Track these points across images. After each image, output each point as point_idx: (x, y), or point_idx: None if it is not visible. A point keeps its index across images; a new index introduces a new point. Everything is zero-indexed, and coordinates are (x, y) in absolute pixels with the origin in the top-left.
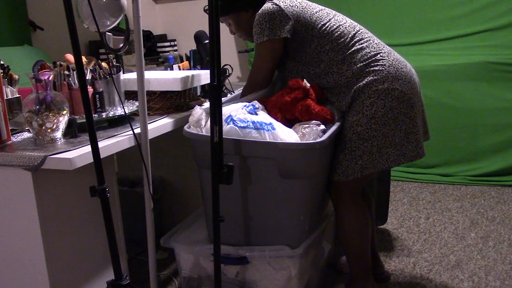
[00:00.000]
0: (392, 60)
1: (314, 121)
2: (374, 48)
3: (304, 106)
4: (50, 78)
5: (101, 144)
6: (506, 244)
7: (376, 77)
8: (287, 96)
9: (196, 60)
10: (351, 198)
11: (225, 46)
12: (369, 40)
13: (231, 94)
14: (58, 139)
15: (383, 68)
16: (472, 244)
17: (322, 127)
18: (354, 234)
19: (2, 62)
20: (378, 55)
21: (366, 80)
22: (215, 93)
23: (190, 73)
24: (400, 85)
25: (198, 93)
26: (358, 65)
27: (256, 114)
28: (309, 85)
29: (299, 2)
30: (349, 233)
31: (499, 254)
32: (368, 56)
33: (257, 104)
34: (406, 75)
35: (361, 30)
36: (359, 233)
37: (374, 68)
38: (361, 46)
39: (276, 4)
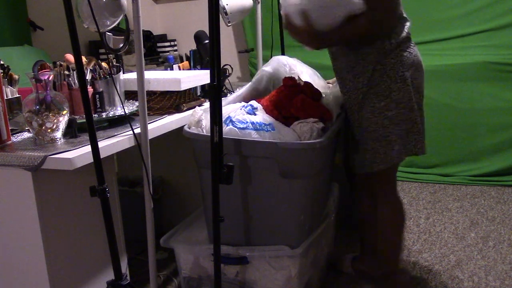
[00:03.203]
0: (417, 50)
1: (312, 119)
2: (407, 32)
3: (299, 102)
4: (50, 78)
5: (101, 144)
6: (506, 244)
7: (403, 62)
8: (283, 93)
9: (196, 60)
10: (393, 188)
11: (225, 46)
12: (406, 23)
13: (231, 94)
14: (58, 139)
15: (410, 56)
16: (472, 244)
17: (321, 124)
18: (397, 227)
19: (2, 62)
20: (410, 42)
21: (392, 60)
22: (215, 93)
23: (190, 73)
24: (420, 77)
25: (198, 93)
26: (392, 41)
27: (255, 115)
28: (303, 82)
29: None
30: (393, 226)
31: (499, 254)
32: (402, 38)
33: (255, 104)
34: (423, 71)
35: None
36: (401, 225)
37: (403, 53)
38: (400, 24)
39: None
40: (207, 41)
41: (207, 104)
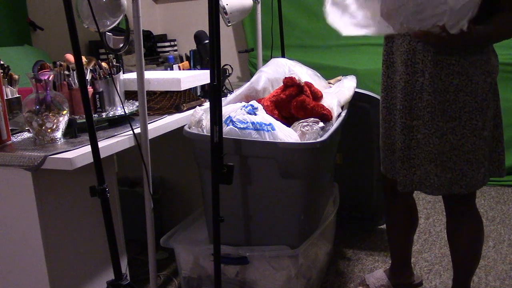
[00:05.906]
0: None
1: (312, 119)
2: None
3: (298, 102)
4: (50, 78)
5: (101, 144)
6: (506, 244)
7: (494, 73)
8: (282, 93)
9: (196, 60)
10: (474, 202)
11: (225, 46)
12: None
13: (231, 93)
14: (58, 139)
15: (498, 65)
16: None
17: (321, 124)
18: (480, 246)
19: (2, 62)
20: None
21: (494, 74)
22: (215, 93)
23: (190, 73)
24: None
25: (198, 93)
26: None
27: (255, 115)
28: (303, 81)
29: None
30: (479, 245)
31: (499, 254)
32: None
33: (255, 104)
34: None
35: None
36: (483, 241)
37: (497, 62)
38: None
39: None
40: (207, 41)
41: (207, 104)
